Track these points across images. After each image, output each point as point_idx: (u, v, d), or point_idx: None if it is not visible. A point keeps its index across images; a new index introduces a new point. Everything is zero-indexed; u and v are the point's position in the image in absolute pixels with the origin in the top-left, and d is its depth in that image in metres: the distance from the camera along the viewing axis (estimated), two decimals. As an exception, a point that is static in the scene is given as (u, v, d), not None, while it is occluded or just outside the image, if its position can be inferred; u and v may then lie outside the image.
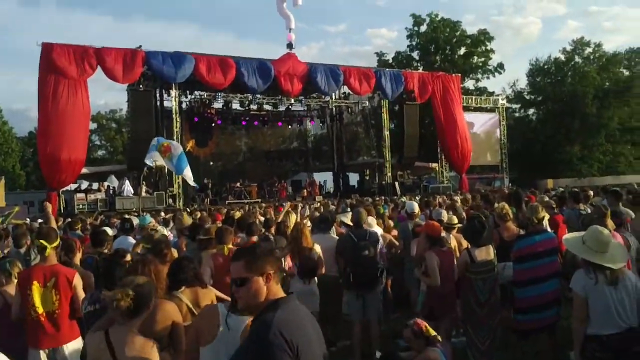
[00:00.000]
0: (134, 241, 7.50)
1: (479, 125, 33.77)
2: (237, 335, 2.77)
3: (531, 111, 52.20)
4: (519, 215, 7.04)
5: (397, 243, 7.83)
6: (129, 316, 2.97)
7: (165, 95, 24.81)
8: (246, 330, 2.74)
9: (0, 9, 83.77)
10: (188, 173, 13.33)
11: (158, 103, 24.17)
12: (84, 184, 24.30)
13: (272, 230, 7.57)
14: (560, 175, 40.63)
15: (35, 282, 4.47)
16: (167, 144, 12.99)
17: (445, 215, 6.94)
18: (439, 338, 4.04)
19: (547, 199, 8.06)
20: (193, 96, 27.27)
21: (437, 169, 32.69)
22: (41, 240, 4.68)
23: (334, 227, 7.68)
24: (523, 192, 10.45)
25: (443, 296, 5.65)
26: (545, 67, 49.50)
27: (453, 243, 6.31)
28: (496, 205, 7.34)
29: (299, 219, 9.36)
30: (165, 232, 8.89)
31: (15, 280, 4.83)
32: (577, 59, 48.79)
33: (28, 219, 16.22)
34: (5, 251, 7.53)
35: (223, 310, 2.89)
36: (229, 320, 2.82)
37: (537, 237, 5.43)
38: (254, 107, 28.61)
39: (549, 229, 6.49)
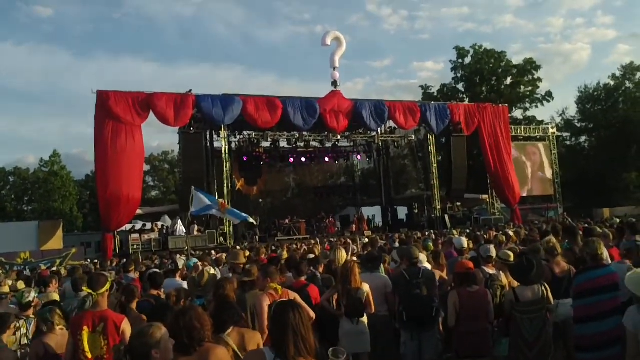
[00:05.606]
0: (181, 282, 7.61)
1: (529, 155, 33.08)
2: None
3: (583, 139, 50.84)
4: (574, 248, 6.80)
5: (447, 279, 7.63)
6: None
7: (215, 136, 25.47)
8: None
9: (58, 60, 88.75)
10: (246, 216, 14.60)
11: (208, 144, 24.81)
12: (138, 224, 24.92)
13: (321, 269, 7.49)
14: (617, 204, 39.08)
15: (85, 327, 4.54)
16: (222, 201, 14.31)
17: (493, 252, 6.70)
18: None
19: (599, 230, 7.71)
20: (242, 136, 27.86)
21: (487, 200, 32.08)
22: (84, 288, 4.82)
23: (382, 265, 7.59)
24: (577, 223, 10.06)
25: (465, 335, 5.49)
26: (595, 93, 48.33)
27: (504, 280, 6.11)
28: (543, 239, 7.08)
29: (348, 257, 9.28)
30: (217, 272, 9.03)
31: (57, 328, 4.95)
32: (627, 84, 47.45)
33: (86, 261, 16.77)
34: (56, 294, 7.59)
35: (270, 355, 2.88)
36: None
37: (598, 271, 5.22)
38: (301, 144, 28.84)
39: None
